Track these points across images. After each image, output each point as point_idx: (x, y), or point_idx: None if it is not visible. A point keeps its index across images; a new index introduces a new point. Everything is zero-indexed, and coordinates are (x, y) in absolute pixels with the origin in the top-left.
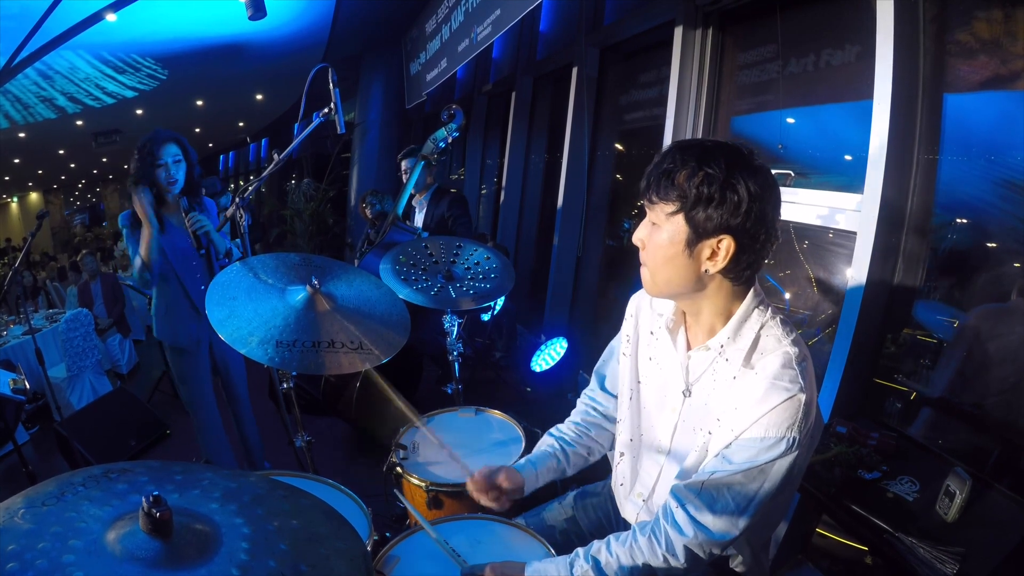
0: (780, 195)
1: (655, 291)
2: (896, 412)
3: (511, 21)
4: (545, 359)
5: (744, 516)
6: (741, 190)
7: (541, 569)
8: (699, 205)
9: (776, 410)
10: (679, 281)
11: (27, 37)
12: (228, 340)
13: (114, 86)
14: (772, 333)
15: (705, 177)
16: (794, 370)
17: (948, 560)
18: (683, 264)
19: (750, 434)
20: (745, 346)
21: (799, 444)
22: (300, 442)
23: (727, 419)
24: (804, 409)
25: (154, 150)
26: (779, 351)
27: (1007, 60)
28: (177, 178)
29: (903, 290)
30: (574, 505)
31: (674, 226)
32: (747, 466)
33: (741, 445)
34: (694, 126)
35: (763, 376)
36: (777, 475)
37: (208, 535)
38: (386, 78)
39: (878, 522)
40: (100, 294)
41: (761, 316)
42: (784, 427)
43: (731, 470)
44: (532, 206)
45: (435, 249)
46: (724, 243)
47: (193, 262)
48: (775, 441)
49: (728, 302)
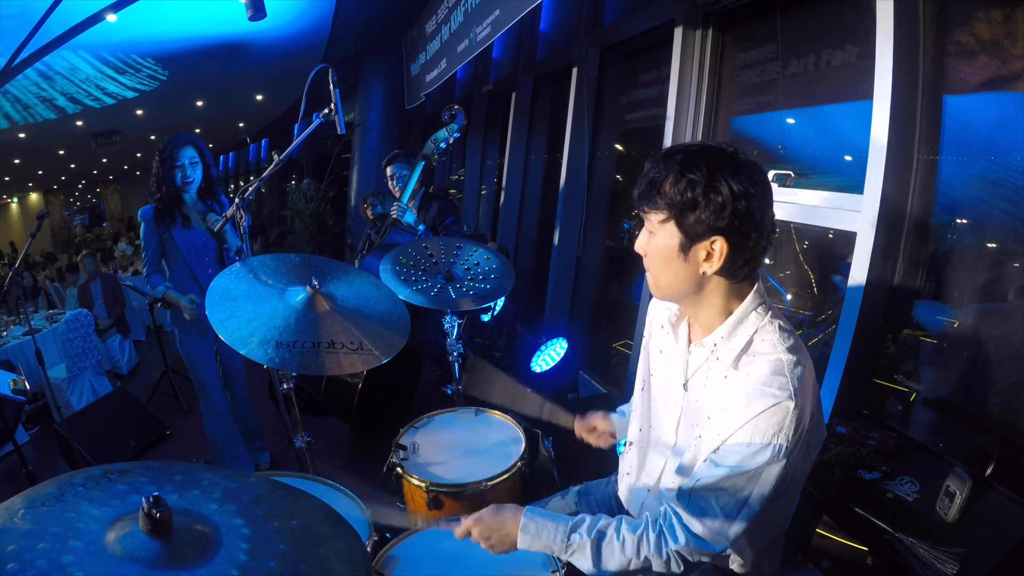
0: (770, 190)
1: (660, 295)
2: (896, 412)
3: (511, 21)
4: (545, 359)
5: (734, 525)
6: (724, 191)
7: (538, 525)
8: (686, 210)
9: (762, 416)
10: (680, 284)
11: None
12: (228, 341)
13: (114, 87)
14: (768, 338)
15: (688, 183)
16: (784, 377)
17: (948, 560)
18: (681, 268)
19: (736, 439)
20: (737, 347)
21: (787, 453)
22: (300, 442)
23: (715, 419)
24: (793, 417)
25: (173, 152)
26: (771, 356)
27: (1007, 61)
28: (194, 178)
29: (903, 290)
30: (577, 501)
31: (667, 232)
32: (733, 471)
33: (728, 450)
34: (694, 126)
35: (751, 380)
36: (766, 483)
37: (208, 536)
38: (386, 78)
39: (878, 522)
40: (100, 295)
41: (759, 319)
42: (770, 434)
43: (718, 475)
44: (532, 206)
45: (435, 250)
46: (717, 244)
47: (206, 257)
48: (760, 447)
49: (728, 301)
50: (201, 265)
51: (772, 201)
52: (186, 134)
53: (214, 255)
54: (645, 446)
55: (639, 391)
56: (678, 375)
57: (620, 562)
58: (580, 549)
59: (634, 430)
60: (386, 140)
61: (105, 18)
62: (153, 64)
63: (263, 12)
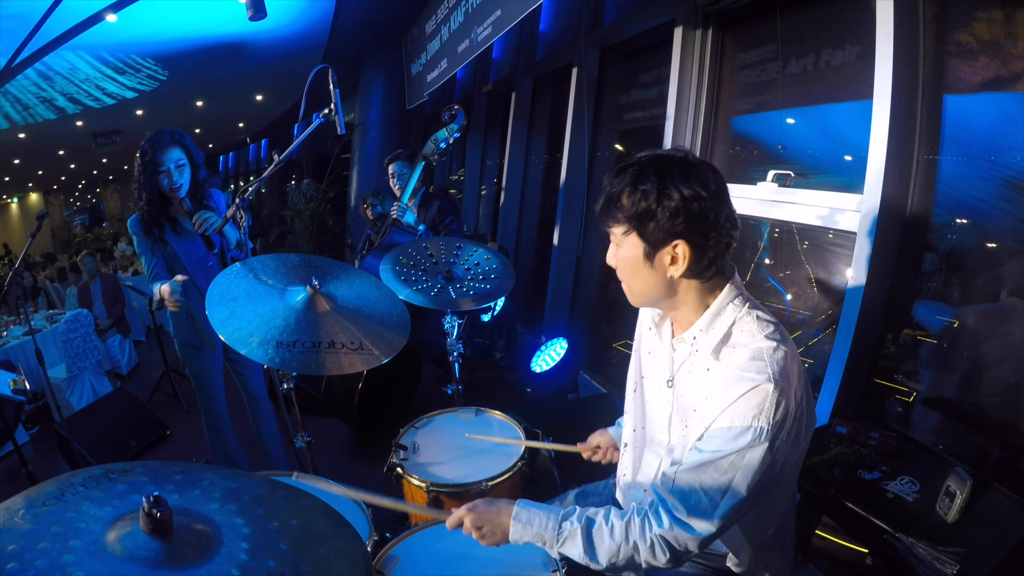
0: (724, 189)
1: (636, 302)
2: (896, 412)
3: (511, 22)
4: (545, 359)
5: (718, 512)
6: (675, 196)
7: (530, 514)
8: (644, 220)
9: (742, 399)
10: (651, 290)
11: (27, 38)
12: (228, 341)
13: (114, 87)
14: (747, 328)
15: (641, 194)
16: (763, 362)
17: (948, 560)
18: (649, 274)
19: (718, 424)
20: (716, 338)
21: (768, 436)
22: (300, 442)
23: (700, 410)
24: (773, 399)
25: (156, 156)
26: (751, 345)
27: (1007, 61)
28: (181, 183)
29: (903, 290)
30: (576, 503)
31: (631, 243)
32: (715, 455)
33: (710, 436)
34: (694, 126)
35: (731, 368)
36: (750, 467)
37: (208, 535)
38: (386, 78)
39: (878, 522)
40: (100, 295)
41: (736, 310)
42: (749, 416)
43: (700, 460)
44: (532, 206)
45: (435, 250)
46: (679, 248)
47: (209, 263)
48: (741, 431)
49: (703, 298)
50: (206, 278)
51: (727, 199)
52: (171, 132)
53: (217, 263)
54: (640, 447)
55: (632, 393)
56: (664, 373)
57: (610, 549)
58: (571, 537)
59: (628, 431)
60: (386, 140)
61: (105, 18)
62: (153, 64)
63: (263, 12)
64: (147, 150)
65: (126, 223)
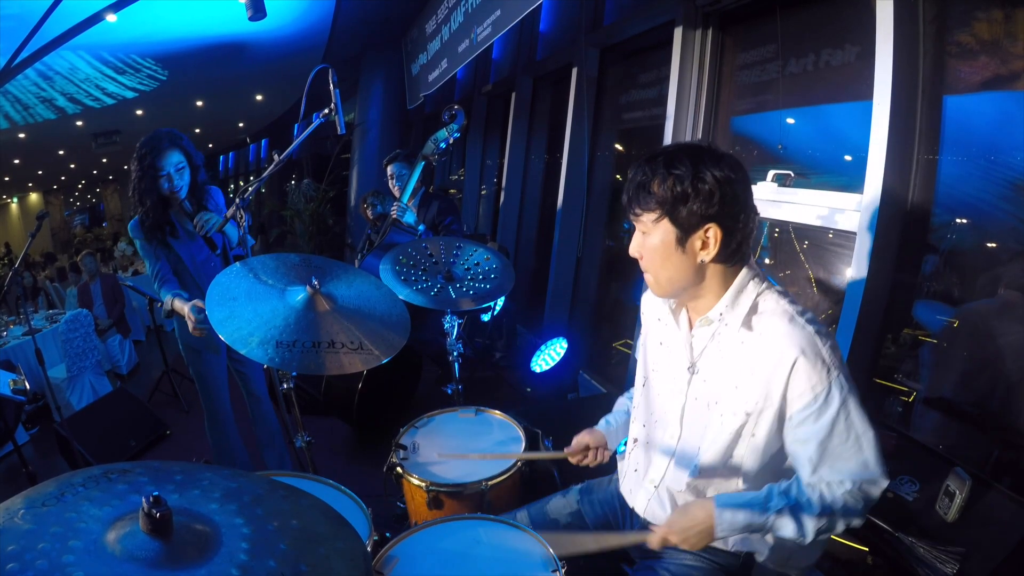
0: (748, 175)
1: (661, 292)
2: (896, 412)
3: (511, 22)
4: (545, 359)
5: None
6: (710, 179)
7: (733, 515)
8: (678, 204)
9: (802, 363)
10: (680, 277)
11: (27, 38)
12: (228, 340)
13: (114, 87)
14: (770, 297)
15: (675, 178)
16: (799, 320)
17: (948, 560)
18: (680, 260)
19: (800, 402)
20: (743, 312)
21: (845, 376)
22: (300, 442)
23: (743, 385)
24: (827, 346)
25: (155, 161)
26: (779, 310)
27: (1007, 61)
28: (181, 186)
29: (903, 290)
30: (579, 499)
31: (662, 230)
32: (824, 430)
33: (800, 417)
34: (694, 126)
35: (774, 336)
36: (855, 412)
37: (208, 535)
38: (386, 78)
39: (878, 522)
40: (100, 295)
41: (757, 286)
42: (824, 373)
43: (816, 444)
44: (532, 206)
45: (435, 250)
46: (711, 231)
47: (212, 264)
48: (825, 393)
49: (726, 281)
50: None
51: (751, 185)
52: (169, 134)
53: (220, 264)
54: (650, 441)
55: (640, 387)
56: (683, 361)
57: (817, 522)
58: (781, 522)
59: (637, 427)
60: (386, 140)
61: (105, 18)
62: (153, 64)
63: (263, 12)
64: (145, 155)
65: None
